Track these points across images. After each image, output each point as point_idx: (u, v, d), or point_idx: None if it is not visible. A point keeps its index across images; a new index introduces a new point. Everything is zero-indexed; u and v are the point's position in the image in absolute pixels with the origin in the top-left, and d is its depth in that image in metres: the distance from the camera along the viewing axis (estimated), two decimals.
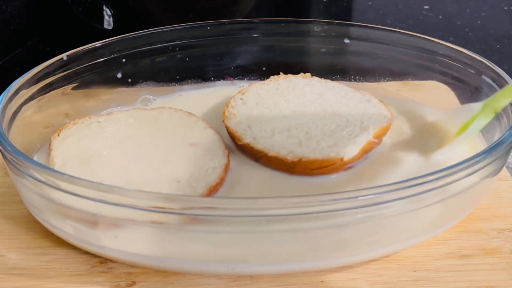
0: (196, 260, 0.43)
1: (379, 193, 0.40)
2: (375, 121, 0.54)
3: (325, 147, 0.51)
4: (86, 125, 0.54)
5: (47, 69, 0.57)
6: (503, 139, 0.45)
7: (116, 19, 0.79)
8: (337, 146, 0.51)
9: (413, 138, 0.55)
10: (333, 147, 0.51)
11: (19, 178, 0.45)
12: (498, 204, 0.50)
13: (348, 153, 0.50)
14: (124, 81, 0.63)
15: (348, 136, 0.52)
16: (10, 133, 0.50)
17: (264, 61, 0.66)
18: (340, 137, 0.52)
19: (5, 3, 0.76)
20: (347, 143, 0.51)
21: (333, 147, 0.51)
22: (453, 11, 0.94)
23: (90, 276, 0.44)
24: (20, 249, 0.47)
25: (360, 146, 0.51)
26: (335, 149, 0.51)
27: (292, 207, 0.40)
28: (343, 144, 0.51)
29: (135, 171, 0.49)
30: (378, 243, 0.44)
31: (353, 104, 0.56)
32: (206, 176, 0.49)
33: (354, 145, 0.51)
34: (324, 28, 0.65)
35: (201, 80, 0.66)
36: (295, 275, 0.44)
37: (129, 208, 0.40)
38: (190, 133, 0.54)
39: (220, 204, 0.40)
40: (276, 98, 0.58)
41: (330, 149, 0.51)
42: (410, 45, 0.62)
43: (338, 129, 0.53)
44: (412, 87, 0.63)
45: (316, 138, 0.52)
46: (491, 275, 0.44)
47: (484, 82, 0.55)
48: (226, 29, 0.65)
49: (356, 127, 0.53)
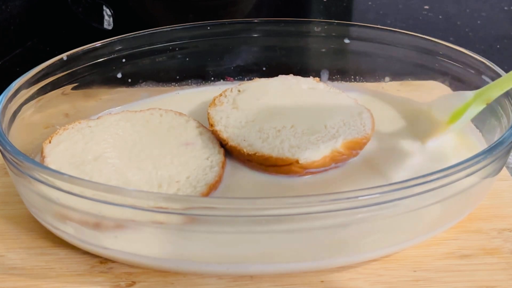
0: (196, 260, 0.43)
1: (379, 193, 0.40)
2: (350, 133, 0.53)
3: (287, 147, 0.51)
4: (77, 130, 0.54)
5: (47, 69, 0.57)
6: (503, 139, 0.45)
7: (116, 19, 0.79)
8: (298, 148, 0.51)
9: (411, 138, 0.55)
10: (294, 148, 0.51)
11: (19, 178, 0.45)
12: (498, 204, 0.50)
13: (306, 157, 0.50)
14: (124, 81, 0.63)
15: (315, 141, 0.52)
16: (10, 133, 0.50)
17: (264, 61, 0.66)
18: (306, 141, 0.52)
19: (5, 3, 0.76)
20: (309, 147, 0.51)
21: (295, 148, 0.51)
22: (453, 11, 0.94)
23: (90, 276, 0.44)
24: (20, 249, 0.47)
25: (322, 153, 0.50)
26: (294, 150, 0.51)
27: (292, 207, 0.40)
28: (306, 147, 0.51)
29: (132, 173, 0.49)
30: (378, 243, 0.44)
31: (342, 112, 0.56)
32: (205, 175, 0.49)
33: (316, 150, 0.50)
34: (324, 28, 0.65)
35: (201, 80, 0.66)
36: (295, 275, 0.44)
37: (130, 208, 0.40)
38: (184, 133, 0.54)
39: (220, 204, 0.40)
40: (268, 94, 0.58)
41: (289, 150, 0.51)
42: (410, 45, 0.62)
43: (309, 132, 0.53)
44: (412, 87, 0.63)
45: (282, 137, 0.52)
46: (491, 275, 0.44)
47: (484, 82, 0.55)
48: (226, 29, 0.65)
49: (328, 134, 0.52)
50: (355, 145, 0.52)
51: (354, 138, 0.52)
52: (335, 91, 0.60)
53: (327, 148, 0.51)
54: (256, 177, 0.51)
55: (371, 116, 0.55)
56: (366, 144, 0.53)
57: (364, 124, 0.54)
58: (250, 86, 0.60)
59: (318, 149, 0.50)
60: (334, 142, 0.51)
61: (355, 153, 0.52)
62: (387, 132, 0.56)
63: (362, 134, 0.53)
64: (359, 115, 0.55)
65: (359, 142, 0.52)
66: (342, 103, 0.58)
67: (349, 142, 0.52)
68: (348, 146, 0.52)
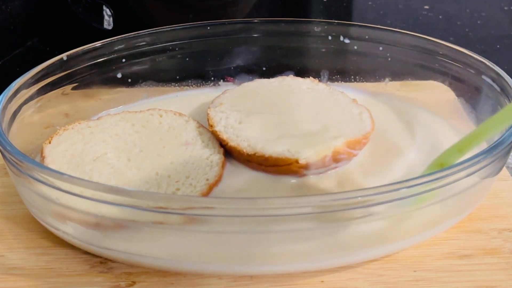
0: (196, 260, 0.43)
1: (379, 193, 0.40)
2: (350, 133, 0.53)
3: (286, 147, 0.51)
4: (77, 130, 0.54)
5: (47, 69, 0.57)
6: (503, 139, 0.45)
7: (116, 19, 0.79)
8: (298, 148, 0.50)
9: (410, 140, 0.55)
10: (293, 148, 0.51)
11: (19, 178, 0.45)
12: (498, 204, 0.50)
13: (305, 157, 0.50)
14: (124, 81, 0.63)
15: (314, 141, 0.51)
16: (10, 133, 0.50)
17: (264, 61, 0.66)
18: (306, 141, 0.51)
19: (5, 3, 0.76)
20: (309, 148, 0.50)
21: (294, 148, 0.51)
22: (453, 11, 0.94)
23: (90, 276, 0.44)
24: (20, 249, 0.47)
25: (321, 153, 0.50)
26: (294, 150, 0.50)
27: (292, 207, 0.40)
28: (305, 147, 0.51)
29: (132, 173, 0.49)
30: (378, 243, 0.44)
31: (341, 112, 0.56)
32: (205, 175, 0.49)
33: (315, 151, 0.50)
34: (324, 28, 0.65)
35: (201, 80, 0.66)
36: (295, 275, 0.44)
37: (130, 208, 0.40)
38: (184, 133, 0.54)
39: (220, 204, 0.40)
40: (268, 95, 0.58)
41: (289, 150, 0.51)
42: (410, 45, 0.62)
43: (309, 132, 0.53)
44: (412, 87, 0.63)
45: (282, 137, 0.52)
46: (491, 275, 0.44)
47: (484, 82, 0.55)
48: (226, 29, 0.65)
49: (328, 134, 0.52)
50: (354, 144, 0.52)
51: (353, 138, 0.52)
52: (335, 91, 0.60)
53: (327, 148, 0.51)
54: (256, 177, 0.51)
55: (370, 117, 0.55)
56: (366, 143, 0.53)
57: (364, 125, 0.54)
58: (250, 87, 0.60)
59: (318, 149, 0.50)
60: (334, 142, 0.51)
61: (355, 153, 0.52)
62: (387, 133, 0.56)
63: (361, 134, 0.53)
64: (359, 115, 0.55)
65: (359, 142, 0.52)
66: (342, 103, 0.58)
67: (349, 142, 0.52)
68: (348, 145, 0.51)
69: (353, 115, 0.55)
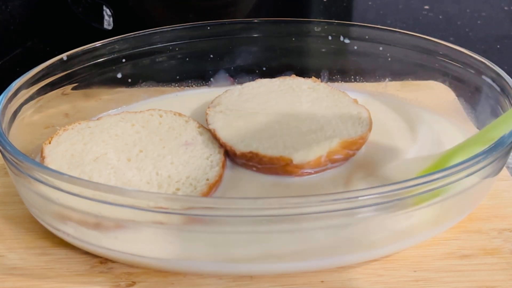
0: (196, 260, 0.43)
1: (379, 193, 0.40)
2: (347, 133, 0.53)
3: (281, 147, 0.51)
4: (77, 131, 0.54)
5: (47, 69, 0.57)
6: (503, 139, 0.45)
7: (116, 19, 0.79)
8: (293, 148, 0.51)
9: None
10: (289, 148, 0.51)
11: (19, 178, 0.45)
12: (498, 204, 0.50)
13: (300, 157, 0.50)
14: (124, 81, 0.63)
15: (310, 141, 0.52)
16: (10, 133, 0.50)
17: (264, 61, 0.66)
18: (302, 141, 0.52)
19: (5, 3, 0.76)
20: (304, 148, 0.51)
21: (289, 148, 0.51)
22: (453, 11, 0.94)
23: (90, 276, 0.44)
24: (20, 249, 0.47)
25: (316, 153, 0.50)
26: (289, 150, 0.50)
27: (292, 207, 0.40)
28: (300, 147, 0.51)
29: (132, 173, 0.49)
30: (378, 243, 0.44)
31: (340, 113, 0.56)
32: (205, 175, 0.49)
33: (310, 151, 0.50)
34: (324, 28, 0.65)
35: (201, 80, 0.66)
36: (295, 275, 0.44)
37: (130, 208, 0.40)
38: (184, 133, 0.54)
39: (220, 204, 0.40)
40: (268, 95, 0.58)
41: (284, 150, 0.51)
42: (410, 45, 0.62)
43: (305, 133, 0.53)
44: (412, 87, 0.63)
45: (278, 137, 0.52)
46: (491, 275, 0.44)
47: (484, 82, 0.55)
48: (226, 29, 0.65)
49: (324, 135, 0.52)
50: (351, 145, 0.52)
51: (350, 138, 0.52)
52: (335, 91, 0.60)
53: (322, 148, 0.51)
54: (256, 177, 0.51)
55: (369, 117, 0.55)
56: (363, 144, 0.53)
57: (361, 125, 0.54)
58: (250, 87, 0.60)
59: (313, 149, 0.51)
60: (330, 142, 0.51)
61: (352, 153, 0.52)
62: (386, 133, 0.56)
63: (358, 134, 0.53)
64: (357, 115, 0.55)
65: (355, 143, 0.52)
66: (341, 104, 0.58)
67: (345, 142, 0.51)
68: (344, 146, 0.51)
69: (352, 116, 0.55)
